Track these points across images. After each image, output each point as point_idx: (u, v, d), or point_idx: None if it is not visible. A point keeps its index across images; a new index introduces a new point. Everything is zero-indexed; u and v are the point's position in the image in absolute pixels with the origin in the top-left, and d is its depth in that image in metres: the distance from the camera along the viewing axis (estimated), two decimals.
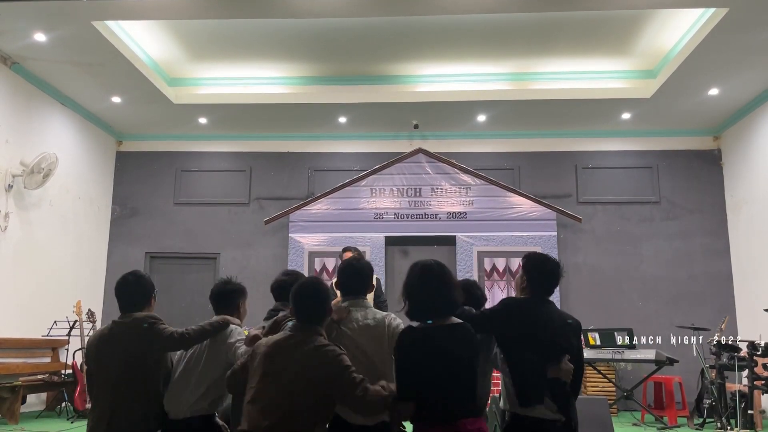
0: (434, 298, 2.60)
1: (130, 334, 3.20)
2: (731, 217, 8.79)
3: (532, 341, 2.93)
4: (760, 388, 6.08)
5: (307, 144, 9.49)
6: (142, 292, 3.36)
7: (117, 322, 3.29)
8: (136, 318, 3.24)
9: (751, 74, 7.31)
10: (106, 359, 3.20)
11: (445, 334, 2.55)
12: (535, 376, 2.90)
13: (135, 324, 3.22)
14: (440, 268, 2.69)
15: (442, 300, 2.61)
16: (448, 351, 2.51)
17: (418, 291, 2.64)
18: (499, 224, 8.72)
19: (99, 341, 3.26)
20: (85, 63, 7.22)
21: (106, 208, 9.34)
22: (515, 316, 2.98)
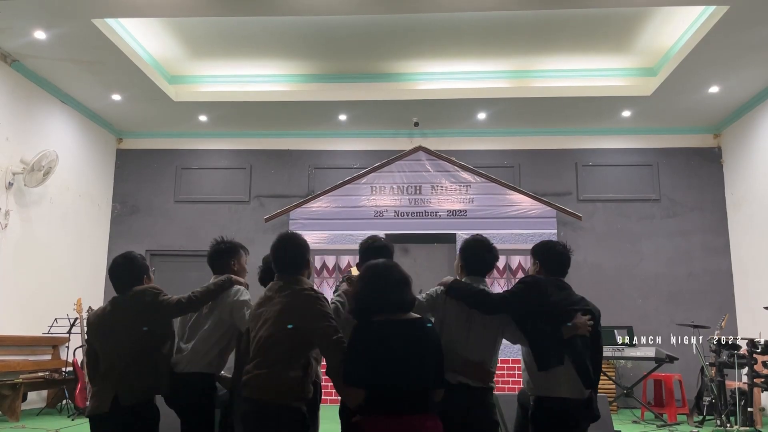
0: (387, 295, 2.66)
1: (132, 307, 3.23)
2: (731, 214, 8.79)
3: (548, 311, 3.09)
4: (759, 385, 6.08)
5: (308, 142, 9.49)
6: (133, 271, 3.35)
7: (117, 298, 3.31)
8: (136, 291, 3.27)
9: (752, 72, 7.30)
10: (110, 334, 3.23)
11: (401, 328, 2.59)
12: (552, 337, 3.03)
13: (136, 297, 3.25)
14: (390, 268, 2.76)
15: (395, 297, 2.66)
16: (401, 345, 2.54)
17: (370, 290, 2.70)
18: (499, 222, 8.72)
19: (101, 318, 3.29)
20: (86, 61, 7.22)
21: (106, 206, 9.34)
22: (533, 290, 3.14)
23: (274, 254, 2.95)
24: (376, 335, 2.57)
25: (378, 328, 2.58)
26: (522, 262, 8.54)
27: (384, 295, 2.64)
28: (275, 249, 2.95)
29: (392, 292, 2.65)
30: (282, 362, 2.70)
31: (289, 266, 2.91)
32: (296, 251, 2.96)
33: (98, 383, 3.23)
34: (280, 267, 2.93)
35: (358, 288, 2.74)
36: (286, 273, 2.91)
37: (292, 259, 2.93)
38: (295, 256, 2.94)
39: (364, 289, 2.71)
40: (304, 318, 2.73)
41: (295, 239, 2.98)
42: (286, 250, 2.94)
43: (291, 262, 2.92)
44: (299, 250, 2.97)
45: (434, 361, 2.59)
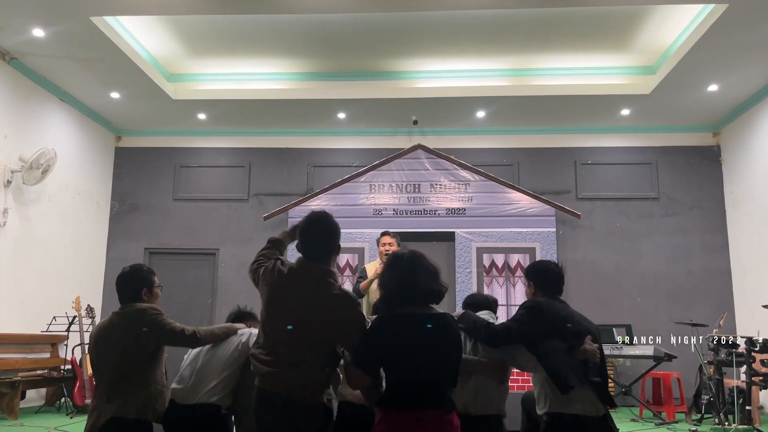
0: (412, 286, 2.59)
1: (129, 324, 3.25)
2: (730, 213, 8.79)
3: (558, 332, 3.07)
4: (758, 384, 6.08)
5: (307, 140, 9.49)
6: (137, 284, 3.38)
7: (117, 313, 3.34)
8: (137, 309, 3.28)
9: (751, 70, 7.30)
10: (105, 349, 3.26)
11: (426, 321, 2.54)
12: (567, 360, 3.01)
13: (136, 315, 3.26)
14: (418, 258, 2.69)
15: (421, 289, 2.59)
16: (422, 339, 2.49)
17: (396, 280, 2.63)
18: (498, 220, 8.72)
19: (99, 331, 3.33)
20: (84, 59, 7.21)
21: (105, 204, 9.34)
22: (538, 313, 3.11)
23: (305, 236, 2.76)
24: (398, 326, 2.51)
25: (401, 320, 2.53)
26: (521, 260, 8.54)
27: (409, 285, 2.56)
28: (307, 231, 2.76)
29: (418, 283, 2.57)
30: (313, 357, 2.58)
31: (320, 251, 2.73)
32: (331, 234, 2.76)
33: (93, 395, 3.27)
34: (310, 253, 2.73)
35: (384, 277, 2.68)
36: (315, 259, 2.71)
37: (323, 244, 2.74)
38: (329, 239, 2.75)
39: (387, 278, 2.65)
40: (336, 314, 2.59)
41: (328, 220, 2.78)
42: (319, 232, 2.74)
43: (322, 247, 2.74)
44: (334, 232, 2.77)
45: (454, 358, 2.55)
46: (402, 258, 2.68)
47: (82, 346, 7.12)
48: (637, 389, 7.39)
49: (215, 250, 9.26)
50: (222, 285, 9.04)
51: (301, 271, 2.70)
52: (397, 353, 2.48)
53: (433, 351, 2.48)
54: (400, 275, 2.60)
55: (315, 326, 2.58)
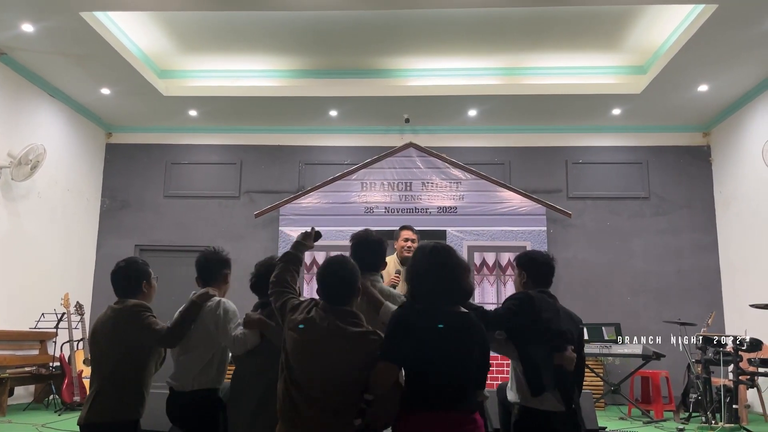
0: (444, 283, 2.51)
1: (119, 320, 3.28)
2: (720, 213, 8.84)
3: (542, 331, 3.07)
4: (744, 383, 6.13)
5: (298, 137, 9.47)
6: (137, 276, 3.43)
7: (111, 307, 3.38)
8: (126, 305, 3.31)
9: (741, 71, 7.33)
10: (98, 343, 3.31)
11: (452, 321, 2.48)
12: (545, 364, 3.02)
13: (125, 311, 3.29)
14: (449, 253, 2.61)
15: (452, 286, 2.53)
16: (445, 338, 2.44)
17: (426, 276, 2.55)
18: (489, 219, 8.73)
19: (96, 325, 3.37)
20: (74, 54, 7.17)
21: (95, 201, 9.29)
22: (528, 307, 3.12)
23: (325, 281, 2.68)
24: (421, 323, 2.46)
25: (424, 316, 2.47)
26: (511, 259, 8.54)
27: (437, 281, 2.50)
28: (326, 276, 2.68)
29: (447, 280, 2.50)
30: (347, 409, 2.50)
31: (343, 297, 2.66)
32: (352, 278, 2.68)
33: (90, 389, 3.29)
34: (333, 298, 2.65)
35: (411, 272, 2.61)
36: (339, 304, 2.63)
37: (345, 290, 2.66)
38: (350, 284, 2.68)
39: (416, 272, 2.58)
40: (366, 365, 2.50)
41: (348, 266, 2.70)
42: (342, 277, 2.66)
43: (345, 293, 2.66)
44: (355, 275, 2.69)
45: (479, 359, 2.49)
46: (433, 251, 2.60)
47: (71, 343, 7.08)
48: (625, 388, 7.43)
49: (206, 247, 9.20)
50: None
51: (328, 318, 2.61)
52: (421, 350, 2.43)
53: (457, 350, 2.44)
54: (430, 269, 2.53)
55: (349, 371, 2.51)
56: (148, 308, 3.34)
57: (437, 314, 2.48)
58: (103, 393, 3.17)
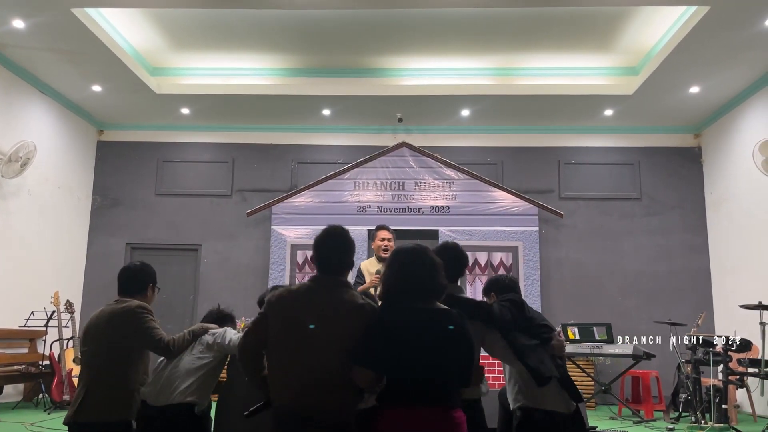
0: (416, 281, 2.53)
1: (118, 319, 3.24)
2: (710, 214, 8.89)
3: (531, 326, 3.12)
4: (734, 383, 6.16)
5: (291, 136, 9.45)
6: (147, 278, 3.45)
7: (110, 306, 3.35)
8: (129, 305, 3.28)
9: (732, 73, 7.38)
10: (94, 340, 3.26)
11: (425, 318, 2.48)
12: (541, 353, 3.04)
13: (127, 311, 3.26)
14: (422, 252, 2.62)
15: (425, 284, 2.54)
16: (421, 335, 2.44)
17: (395, 274, 2.58)
18: (481, 219, 8.75)
19: (91, 322, 3.34)
20: (65, 51, 7.12)
21: (86, 198, 9.24)
22: (518, 304, 3.18)
23: (321, 251, 2.67)
24: (396, 322, 2.45)
25: (399, 316, 2.47)
26: (503, 258, 8.58)
27: (408, 279, 2.51)
28: (322, 245, 2.67)
29: (418, 278, 2.51)
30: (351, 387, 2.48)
31: (337, 267, 2.65)
32: (347, 248, 2.69)
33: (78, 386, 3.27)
34: (327, 268, 2.64)
35: (384, 273, 2.63)
36: (333, 274, 2.63)
37: (341, 259, 2.66)
38: (348, 251, 2.69)
39: (388, 273, 2.59)
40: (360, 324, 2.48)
41: (346, 236, 2.72)
42: (338, 247, 2.66)
43: (340, 263, 2.66)
44: (350, 244, 2.71)
45: (460, 356, 2.46)
46: (406, 251, 2.62)
47: (61, 342, 7.04)
48: (616, 387, 7.46)
49: (198, 246, 9.20)
50: (204, 281, 8.98)
51: (324, 287, 2.59)
52: (397, 349, 2.42)
53: (434, 347, 2.42)
54: (402, 269, 2.55)
55: (344, 341, 2.47)
56: (151, 311, 3.33)
57: (412, 312, 2.48)
58: (93, 392, 3.13)
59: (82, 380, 3.22)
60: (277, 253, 8.69)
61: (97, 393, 3.13)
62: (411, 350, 2.41)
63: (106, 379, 3.15)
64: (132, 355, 3.22)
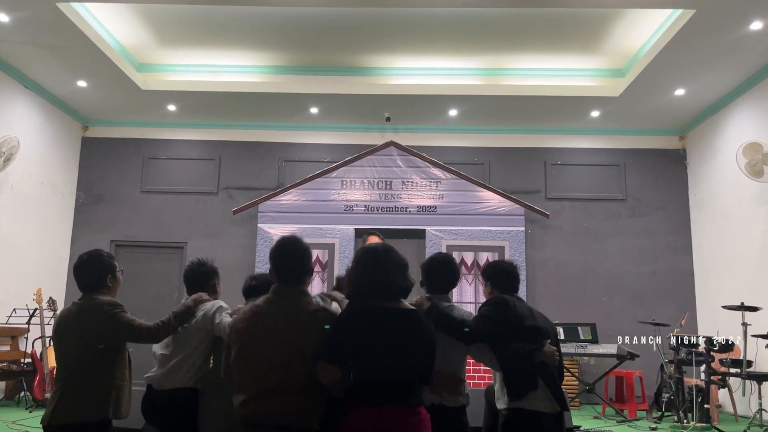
0: (376, 280, 2.57)
1: (88, 319, 3.14)
2: (694, 215, 8.98)
3: (518, 330, 3.11)
4: (716, 383, 6.23)
5: (278, 134, 9.42)
6: (102, 270, 3.27)
7: (77, 304, 3.23)
8: (96, 303, 3.17)
9: (717, 76, 7.45)
10: (65, 341, 3.17)
11: (390, 317, 2.50)
12: (525, 363, 3.04)
13: (94, 309, 3.15)
14: (387, 252, 2.66)
15: (385, 282, 2.57)
16: (387, 335, 2.46)
17: (360, 273, 2.62)
18: (468, 218, 8.77)
19: (60, 322, 3.23)
20: (50, 45, 7.04)
21: (70, 195, 9.15)
22: (504, 309, 3.16)
23: (279, 261, 2.69)
24: (362, 321, 2.48)
25: (365, 315, 2.50)
26: (490, 258, 8.60)
27: (374, 279, 2.54)
28: (279, 255, 2.70)
29: (383, 277, 2.54)
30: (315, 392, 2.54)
31: (294, 276, 2.68)
32: (303, 254, 2.72)
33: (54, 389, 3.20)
34: (285, 277, 2.67)
35: (353, 271, 2.66)
36: (291, 284, 2.67)
37: (297, 268, 2.69)
38: (303, 259, 2.71)
39: (354, 272, 2.63)
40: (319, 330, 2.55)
41: (300, 245, 2.73)
42: (292, 256, 2.69)
43: (296, 272, 2.69)
44: (306, 253, 2.73)
45: (422, 356, 2.49)
46: (370, 251, 2.66)
47: (43, 339, 6.97)
48: (600, 387, 7.51)
49: (183, 244, 9.14)
50: None
51: (281, 297, 2.64)
52: (363, 347, 2.45)
53: (399, 346, 2.45)
54: (367, 269, 2.59)
55: (302, 347, 2.52)
56: (121, 305, 3.23)
57: (377, 311, 2.51)
58: (69, 392, 3.06)
59: (57, 381, 3.16)
60: (263, 252, 8.65)
61: (73, 394, 3.06)
62: (374, 349, 2.44)
63: (81, 380, 3.07)
64: (108, 353, 3.14)
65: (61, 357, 3.18)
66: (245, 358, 2.57)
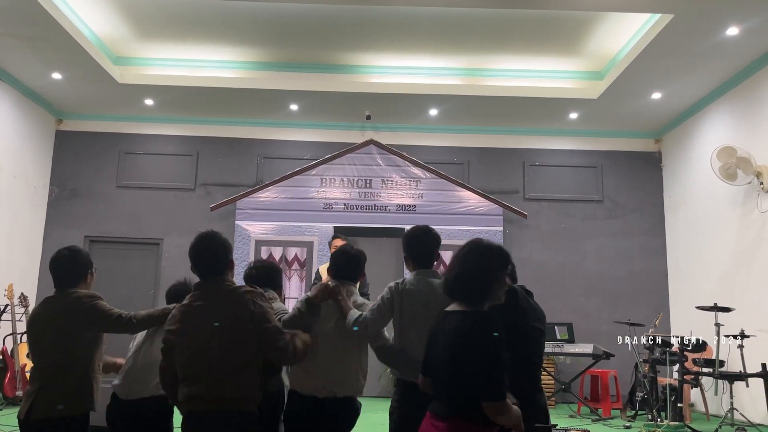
0: None
1: (67, 312, 3.09)
2: (668, 217, 9.11)
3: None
4: (689, 382, 6.33)
5: (258, 130, 9.35)
6: (81, 267, 3.24)
7: (52, 298, 3.18)
8: (75, 297, 3.12)
9: (693, 80, 7.57)
10: (41, 336, 3.11)
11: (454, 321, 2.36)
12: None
13: (72, 302, 3.10)
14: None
15: None
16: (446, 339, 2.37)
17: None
18: (447, 218, 8.79)
19: (34, 317, 3.17)
20: (25, 36, 6.89)
21: (43, 189, 8.97)
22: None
23: (197, 257, 2.81)
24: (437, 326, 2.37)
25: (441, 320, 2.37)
26: None
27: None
28: (197, 250, 2.82)
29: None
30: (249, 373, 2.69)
31: (213, 269, 2.80)
32: (221, 247, 2.85)
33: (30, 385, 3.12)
34: (203, 270, 2.79)
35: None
36: (210, 276, 2.79)
37: (217, 261, 2.81)
38: (223, 252, 2.85)
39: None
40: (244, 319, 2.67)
41: (216, 239, 2.87)
42: (211, 250, 2.81)
43: (216, 265, 2.81)
44: (224, 246, 2.86)
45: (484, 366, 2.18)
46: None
47: (14, 336, 6.82)
48: (576, 386, 7.59)
49: (159, 240, 9.03)
50: (165, 276, 8.79)
51: (208, 290, 2.74)
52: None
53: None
54: None
55: (238, 329, 2.66)
56: (100, 296, 3.19)
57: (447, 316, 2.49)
58: (48, 387, 3.02)
59: (35, 376, 3.10)
60: (241, 249, 8.58)
61: (53, 388, 3.02)
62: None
63: (62, 374, 3.03)
64: (87, 346, 3.10)
65: (40, 352, 3.12)
66: (186, 354, 2.67)
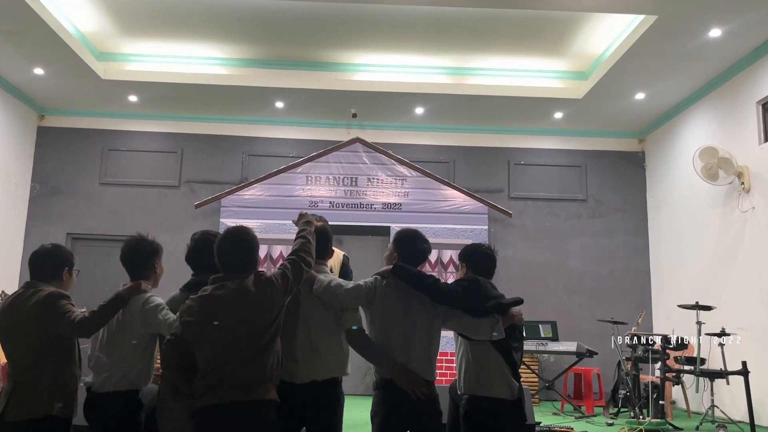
0: None
1: (33, 308, 3.01)
2: (651, 217, 9.20)
3: (488, 304, 3.21)
4: (671, 379, 6.41)
5: (242, 128, 9.29)
6: (61, 262, 3.19)
7: (19, 293, 3.10)
8: (43, 293, 3.05)
9: (676, 81, 7.65)
10: (12, 334, 3.04)
11: None
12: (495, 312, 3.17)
13: (41, 299, 3.02)
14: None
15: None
16: None
17: None
18: (432, 216, 8.81)
19: (6, 313, 3.09)
20: (6, 30, 6.79)
21: (24, 185, 8.86)
22: (473, 285, 3.24)
23: (223, 254, 2.78)
24: None
25: None
26: (453, 256, 8.65)
27: None
28: (223, 247, 2.79)
29: None
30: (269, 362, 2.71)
31: (240, 267, 2.77)
32: (250, 245, 2.85)
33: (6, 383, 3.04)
34: (230, 268, 2.76)
35: None
36: (238, 273, 2.75)
37: (242, 259, 2.79)
38: (251, 250, 2.85)
39: None
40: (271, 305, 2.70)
41: (247, 236, 2.86)
42: (239, 248, 2.80)
43: (242, 262, 2.78)
44: (253, 243, 2.86)
45: None
46: None
47: None
48: (559, 384, 7.64)
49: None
50: None
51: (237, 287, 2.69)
52: None
53: None
54: None
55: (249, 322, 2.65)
56: (67, 296, 3.09)
57: None
58: (22, 387, 2.94)
59: (9, 375, 3.02)
60: None
61: (24, 388, 2.94)
62: None
63: (31, 373, 2.96)
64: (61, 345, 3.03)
65: (12, 352, 3.04)
66: (205, 347, 2.63)
